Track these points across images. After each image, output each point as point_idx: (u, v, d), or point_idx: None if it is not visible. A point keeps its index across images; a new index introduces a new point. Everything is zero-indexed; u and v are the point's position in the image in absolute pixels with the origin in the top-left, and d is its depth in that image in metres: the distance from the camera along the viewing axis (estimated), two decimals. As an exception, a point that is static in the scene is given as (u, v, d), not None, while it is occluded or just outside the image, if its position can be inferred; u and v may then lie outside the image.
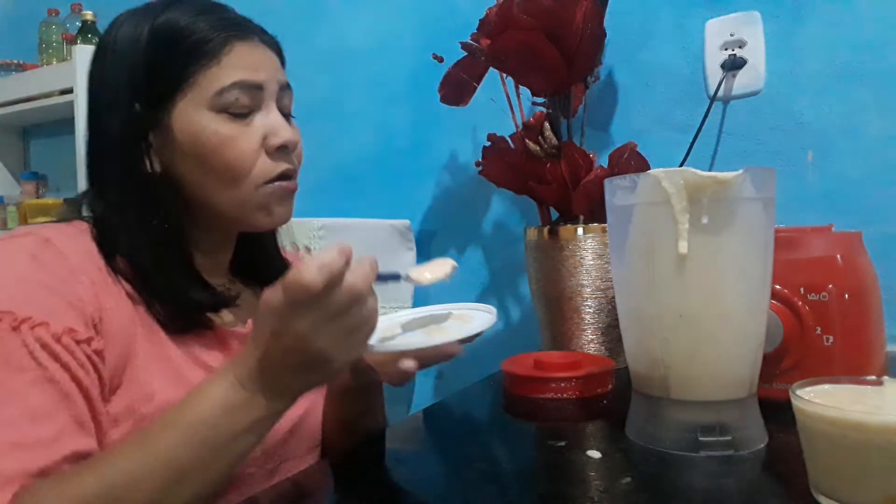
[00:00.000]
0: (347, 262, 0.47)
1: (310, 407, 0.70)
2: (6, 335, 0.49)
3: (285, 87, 0.66)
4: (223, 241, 0.70)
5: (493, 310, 0.61)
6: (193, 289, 0.62)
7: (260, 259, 0.75)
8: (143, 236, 0.60)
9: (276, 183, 0.63)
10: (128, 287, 0.59)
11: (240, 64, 0.61)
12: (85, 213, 0.63)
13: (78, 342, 0.51)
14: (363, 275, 0.48)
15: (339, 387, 0.70)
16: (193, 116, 0.60)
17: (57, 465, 0.47)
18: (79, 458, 0.49)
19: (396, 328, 0.61)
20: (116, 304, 0.57)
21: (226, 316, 0.67)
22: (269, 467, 0.63)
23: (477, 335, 0.57)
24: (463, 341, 0.57)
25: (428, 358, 0.59)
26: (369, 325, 0.51)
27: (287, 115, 0.66)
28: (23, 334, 0.49)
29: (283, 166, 0.63)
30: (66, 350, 0.50)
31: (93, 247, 0.59)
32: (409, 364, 0.57)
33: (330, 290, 0.46)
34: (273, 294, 0.47)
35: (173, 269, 0.61)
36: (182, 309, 0.61)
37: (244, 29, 0.63)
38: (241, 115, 0.61)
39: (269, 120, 0.63)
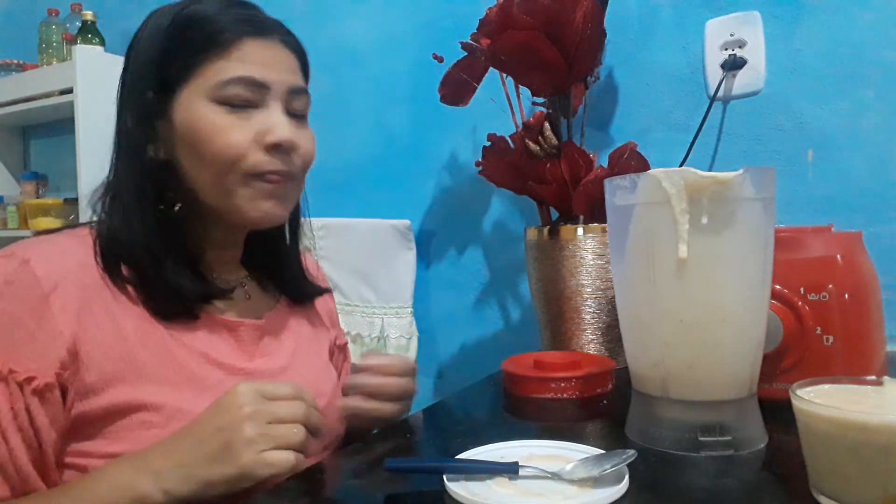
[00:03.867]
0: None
1: (325, 407, 0.71)
2: None
3: (299, 91, 0.65)
4: (229, 236, 0.70)
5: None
6: (184, 277, 0.62)
7: (271, 258, 0.75)
8: (140, 222, 0.61)
9: (266, 177, 0.62)
10: (132, 292, 0.60)
11: (249, 60, 0.62)
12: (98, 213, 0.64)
13: (20, 384, 0.52)
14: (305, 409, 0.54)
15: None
16: (193, 105, 0.61)
17: None
18: None
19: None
20: (111, 317, 0.57)
21: (234, 310, 0.68)
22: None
23: None
24: None
25: None
26: (287, 439, 0.52)
27: (299, 117, 0.66)
28: None
29: (275, 164, 0.62)
30: (6, 394, 0.52)
31: (88, 258, 0.59)
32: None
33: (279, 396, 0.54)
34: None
35: (167, 258, 0.61)
36: (172, 297, 0.61)
37: (264, 27, 0.64)
38: (241, 108, 0.61)
39: (269, 118, 0.62)
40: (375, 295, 1.37)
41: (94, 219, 0.64)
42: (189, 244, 0.65)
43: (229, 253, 0.72)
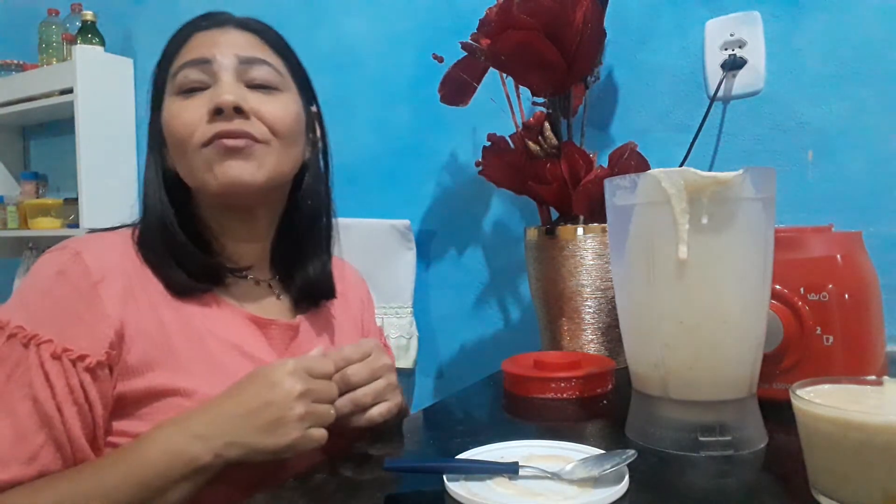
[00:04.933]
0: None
1: None
2: (17, 350, 0.56)
3: (252, 61, 0.67)
4: (245, 224, 0.71)
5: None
6: (196, 253, 0.66)
7: (295, 255, 0.76)
8: (163, 216, 0.66)
9: (216, 141, 0.63)
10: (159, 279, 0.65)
11: (194, 49, 0.66)
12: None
13: (73, 361, 0.56)
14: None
15: None
16: (164, 107, 0.66)
17: (29, 478, 0.54)
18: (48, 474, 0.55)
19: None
20: (152, 306, 0.62)
21: (264, 309, 0.71)
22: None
23: None
24: None
25: None
26: (323, 418, 0.58)
27: (264, 88, 0.67)
28: (29, 351, 0.56)
29: (217, 127, 0.63)
30: (60, 371, 0.56)
31: (130, 252, 0.65)
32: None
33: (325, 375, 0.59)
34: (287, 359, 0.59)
35: (181, 238, 0.66)
36: (187, 268, 0.65)
37: (215, 20, 0.68)
38: (195, 91, 0.65)
39: (215, 89, 0.65)
40: (375, 295, 1.37)
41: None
42: (211, 238, 0.70)
43: (252, 247, 0.72)
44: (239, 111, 0.64)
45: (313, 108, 0.75)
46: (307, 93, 0.74)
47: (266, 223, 0.73)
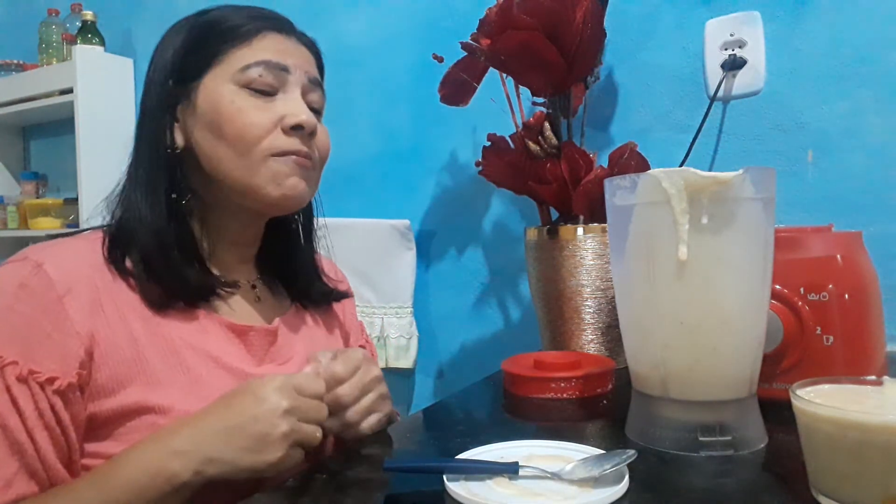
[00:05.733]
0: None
1: None
2: None
3: (315, 83, 0.68)
4: (245, 229, 0.70)
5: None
6: (189, 267, 0.63)
7: (285, 259, 0.75)
8: (151, 209, 0.62)
9: (288, 156, 0.64)
10: (134, 285, 0.61)
11: (270, 48, 0.65)
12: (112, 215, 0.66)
13: (42, 385, 0.53)
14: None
15: None
16: (217, 88, 0.63)
17: None
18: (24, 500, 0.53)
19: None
20: (122, 319, 0.58)
21: (244, 313, 0.69)
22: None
23: None
24: None
25: None
26: (308, 438, 0.56)
27: (315, 112, 0.68)
28: None
29: (295, 144, 0.64)
30: (28, 395, 0.53)
31: (99, 259, 0.60)
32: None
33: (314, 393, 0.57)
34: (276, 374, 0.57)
35: (175, 246, 0.62)
36: (174, 285, 0.62)
37: (283, 24, 0.67)
38: (263, 93, 0.64)
39: (289, 103, 0.64)
40: (375, 295, 1.37)
41: (108, 219, 0.65)
42: (200, 238, 0.67)
43: (243, 250, 0.72)
44: (312, 135, 0.66)
45: None
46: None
47: (261, 228, 0.73)
